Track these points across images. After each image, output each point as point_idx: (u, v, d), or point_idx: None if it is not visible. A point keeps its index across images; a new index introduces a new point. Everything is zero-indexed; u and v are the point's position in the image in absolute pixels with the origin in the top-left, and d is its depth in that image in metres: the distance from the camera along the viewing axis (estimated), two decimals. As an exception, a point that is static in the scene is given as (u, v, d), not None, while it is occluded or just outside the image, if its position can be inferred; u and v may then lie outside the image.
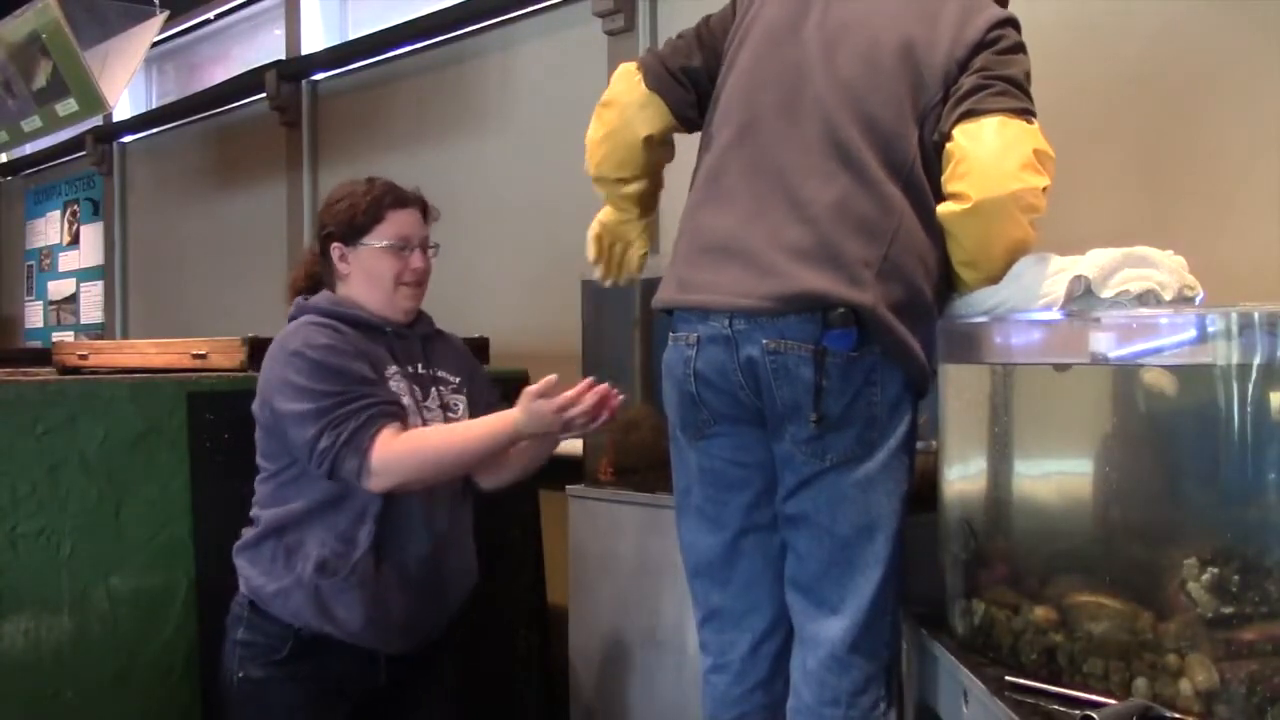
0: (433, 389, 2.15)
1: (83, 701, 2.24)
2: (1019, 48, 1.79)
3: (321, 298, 2.13)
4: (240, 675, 2.05)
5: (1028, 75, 1.77)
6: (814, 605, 1.84)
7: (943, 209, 1.73)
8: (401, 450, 1.96)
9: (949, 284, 1.83)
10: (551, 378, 1.98)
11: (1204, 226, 2.22)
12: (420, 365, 2.15)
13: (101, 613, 2.28)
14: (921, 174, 1.76)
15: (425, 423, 2.08)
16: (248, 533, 2.10)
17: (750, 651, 1.94)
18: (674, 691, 2.50)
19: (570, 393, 1.96)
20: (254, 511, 2.11)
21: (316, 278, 2.19)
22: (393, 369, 2.09)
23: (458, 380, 2.21)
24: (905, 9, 1.82)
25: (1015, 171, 1.66)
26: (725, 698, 1.97)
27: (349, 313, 2.08)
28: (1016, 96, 1.72)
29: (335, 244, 2.11)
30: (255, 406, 2.07)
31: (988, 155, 1.68)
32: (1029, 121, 1.70)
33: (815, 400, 1.72)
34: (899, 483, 1.79)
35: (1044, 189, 1.69)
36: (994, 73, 1.73)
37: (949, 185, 1.73)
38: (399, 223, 2.10)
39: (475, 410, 2.17)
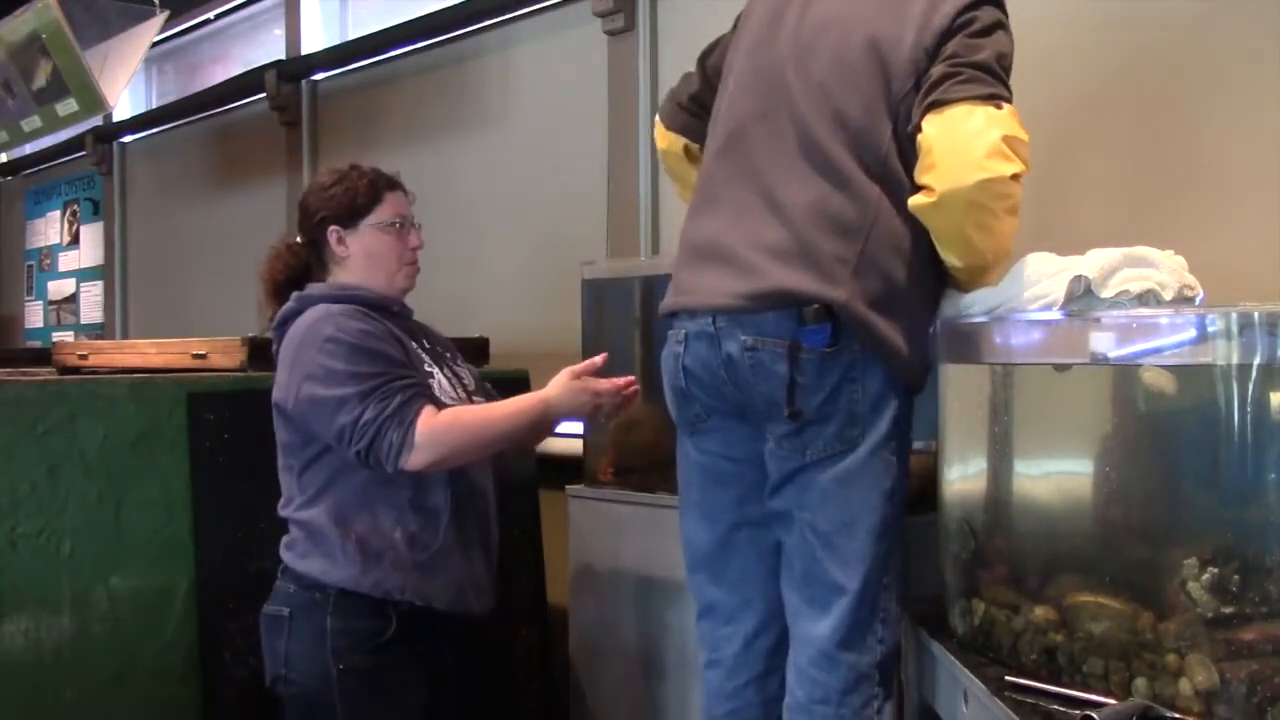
0: (449, 365, 2.17)
1: (83, 701, 2.24)
2: (993, 28, 1.73)
3: (326, 286, 2.11)
4: (341, 667, 1.98)
5: (1002, 57, 1.71)
6: (803, 602, 1.85)
7: (912, 202, 1.72)
8: (444, 425, 1.96)
9: (938, 272, 1.81)
10: (601, 357, 2.09)
11: (1204, 226, 2.21)
12: (427, 342, 2.17)
13: (101, 613, 2.28)
14: (897, 166, 1.76)
15: (461, 398, 2.10)
16: (295, 532, 2.04)
17: (744, 647, 1.95)
18: (675, 691, 2.50)
19: (620, 381, 2.08)
20: (290, 511, 2.05)
21: (298, 269, 2.18)
22: (414, 346, 2.10)
23: (452, 354, 2.24)
24: (877, 6, 1.81)
25: (980, 160, 1.63)
26: (719, 692, 1.98)
27: (363, 295, 2.07)
28: (985, 82, 1.67)
29: (333, 227, 2.10)
30: (279, 398, 2.02)
31: (951, 146, 1.65)
32: (998, 107, 1.66)
33: (789, 396, 1.76)
34: (881, 478, 1.78)
35: (1014, 175, 1.64)
36: (963, 59, 1.69)
37: (919, 178, 1.72)
38: (395, 202, 2.14)
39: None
